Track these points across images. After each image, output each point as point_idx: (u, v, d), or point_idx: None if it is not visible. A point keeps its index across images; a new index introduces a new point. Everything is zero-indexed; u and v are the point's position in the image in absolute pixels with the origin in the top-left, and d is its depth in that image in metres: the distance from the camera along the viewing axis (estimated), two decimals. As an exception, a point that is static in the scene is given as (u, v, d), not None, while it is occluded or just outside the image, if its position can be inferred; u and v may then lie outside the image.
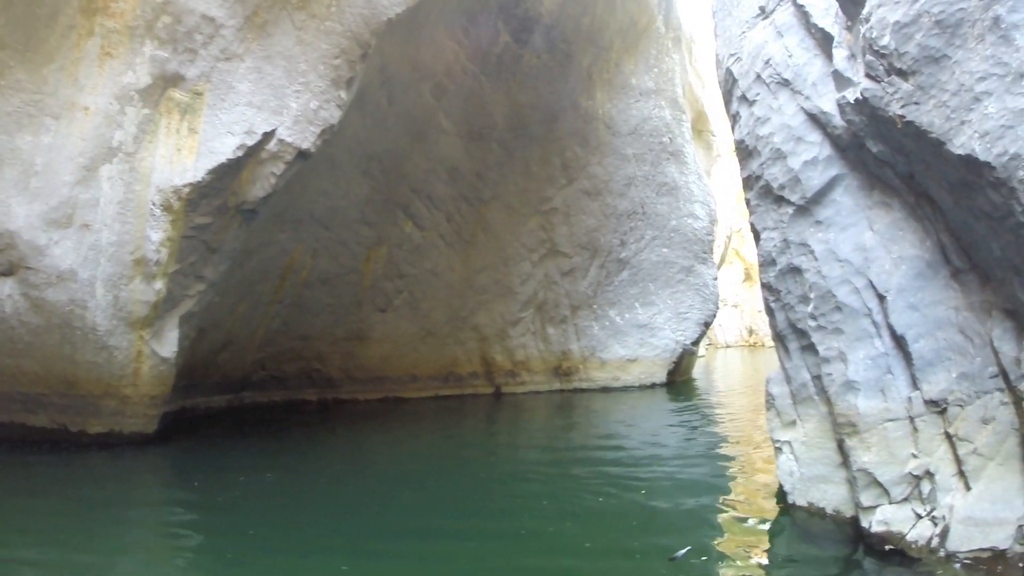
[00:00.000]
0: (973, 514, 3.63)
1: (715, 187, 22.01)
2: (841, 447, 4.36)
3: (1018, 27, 2.97)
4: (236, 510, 5.80)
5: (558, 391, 15.60)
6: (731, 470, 6.67)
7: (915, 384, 3.97)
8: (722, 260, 24.79)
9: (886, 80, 3.51)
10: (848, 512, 4.45)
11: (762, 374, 19.28)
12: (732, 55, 5.57)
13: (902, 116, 3.44)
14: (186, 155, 9.66)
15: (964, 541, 3.63)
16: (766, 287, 5.51)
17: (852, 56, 4.07)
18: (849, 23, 4.08)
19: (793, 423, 5.00)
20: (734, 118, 5.74)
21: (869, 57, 3.57)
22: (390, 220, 14.62)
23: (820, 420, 4.68)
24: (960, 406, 3.78)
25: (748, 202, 5.75)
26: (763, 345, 36.47)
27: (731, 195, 29.66)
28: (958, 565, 3.63)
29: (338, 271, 14.39)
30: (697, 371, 19.75)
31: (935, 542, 3.75)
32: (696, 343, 17.06)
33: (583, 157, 16.32)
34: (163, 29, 9.21)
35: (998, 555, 3.57)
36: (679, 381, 16.50)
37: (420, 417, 12.68)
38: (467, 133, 14.69)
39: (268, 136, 9.71)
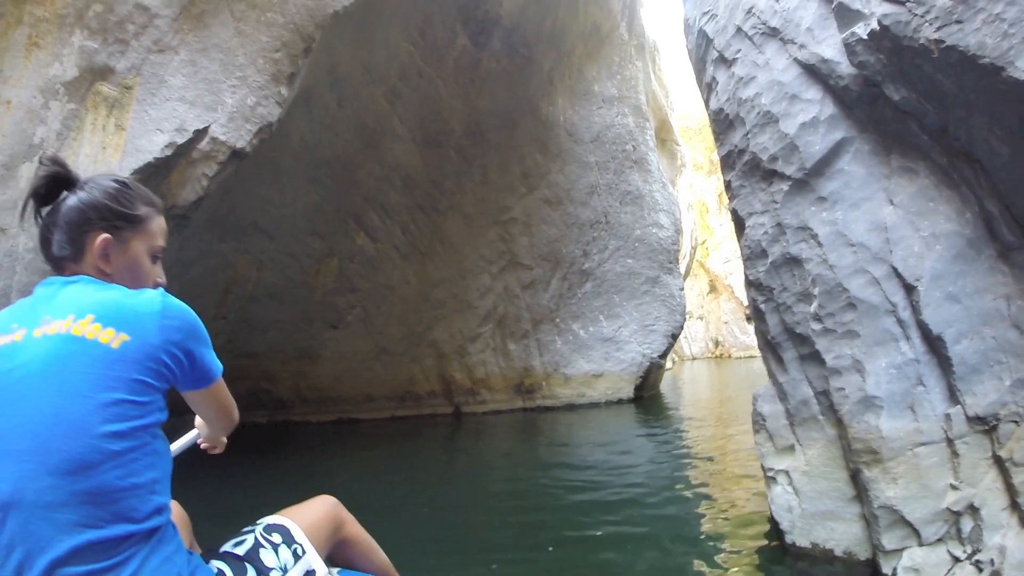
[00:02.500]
0: (1034, 558, 2.76)
1: (680, 198, 21.44)
2: (856, 478, 3.47)
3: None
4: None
5: (520, 409, 14.64)
6: (713, 502, 5.73)
7: (955, 397, 3.08)
8: (687, 272, 24.18)
9: (913, 0, 2.68)
10: (863, 554, 3.55)
11: (730, 386, 18.64)
12: (705, 13, 4.73)
13: (939, 41, 2.60)
14: (111, 153, 8.63)
15: (1023, 592, 2.78)
16: (753, 285, 4.62)
17: (861, -14, 3.24)
18: (857, -55, 3.26)
19: (791, 448, 4.10)
20: (708, 87, 4.90)
21: (892, -28, 2.74)
22: (341, 231, 13.65)
23: (827, 445, 3.78)
24: (1016, 422, 2.90)
25: (728, 185, 4.89)
26: (729, 356, 36.07)
27: (695, 207, 29.21)
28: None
29: (286, 285, 13.37)
30: (664, 384, 18.97)
31: (982, 593, 2.89)
32: (663, 356, 16.27)
33: (543, 165, 15.52)
34: (94, 18, 8.26)
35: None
36: (647, 396, 15.67)
37: (376, 440, 11.62)
38: (423, 140, 13.81)
39: (200, 134, 8.70)
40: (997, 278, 3.00)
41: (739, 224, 4.80)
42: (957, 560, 3.09)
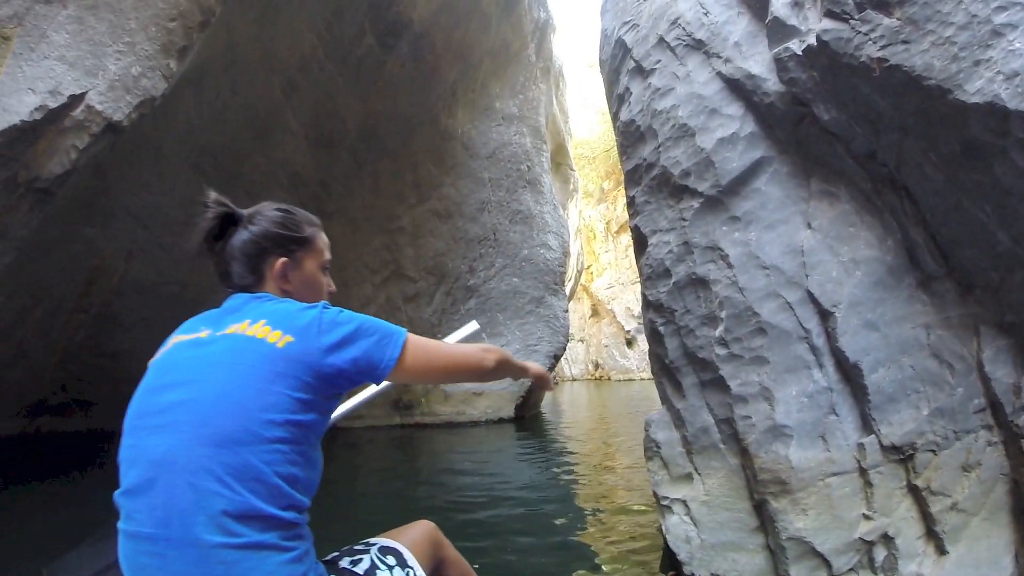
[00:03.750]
0: (952, 583, 2.70)
1: (569, 222, 21.70)
2: (761, 509, 3.33)
3: (1044, -47, 2.17)
4: None
5: (399, 426, 14.09)
6: (603, 529, 5.53)
7: (869, 427, 3.01)
8: (572, 295, 24.50)
9: (858, 17, 2.59)
10: (768, 585, 3.42)
11: (610, 408, 18.90)
12: (626, 23, 4.59)
13: (882, 60, 2.51)
14: (-25, 110, 7.48)
15: (940, 620, 2.73)
16: (653, 306, 4.45)
17: (797, 4, 3.16)
18: (794, -38, 3.19)
19: (688, 477, 3.93)
20: (620, 99, 4.74)
21: (835, -13, 2.64)
22: (220, 226, 12.63)
23: (729, 475, 3.63)
24: (932, 451, 2.85)
25: (632, 201, 4.72)
26: (608, 379, 36.86)
27: (583, 232, 29.83)
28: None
29: (157, 280, 12.19)
30: (545, 405, 18.96)
31: (895, 622, 2.82)
32: (546, 377, 16.19)
33: (437, 177, 15.17)
34: (-22, -45, 7.19)
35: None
36: (528, 416, 15.54)
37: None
38: (315, 137, 13.05)
39: (76, 100, 7.65)
40: (917, 307, 2.96)
41: (641, 242, 4.64)
42: (870, 589, 3.00)
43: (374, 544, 1.75)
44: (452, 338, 2.13)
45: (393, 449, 11.35)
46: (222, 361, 1.43)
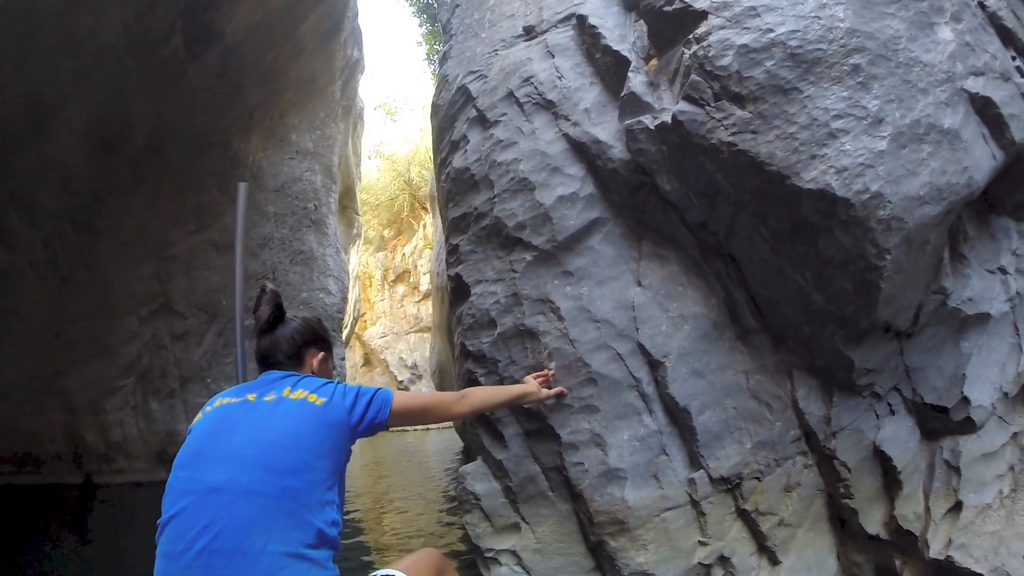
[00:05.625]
0: (787, 588, 3.16)
1: (350, 267, 21.29)
2: (599, 549, 3.49)
3: (876, 79, 2.82)
4: None
5: (162, 482, 12.47)
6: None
7: (698, 463, 3.37)
8: (347, 342, 23.91)
9: (714, 105, 2.99)
10: (613, 621, 3.54)
11: (387, 457, 18.53)
12: (473, 72, 4.73)
13: (731, 144, 2.93)
14: None
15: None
16: (474, 357, 4.35)
17: (653, 84, 3.54)
18: (654, 51, 3.58)
19: (514, 527, 3.90)
20: (453, 145, 4.79)
21: (696, 78, 3.04)
22: (-28, 229, 10.47)
23: (560, 520, 3.71)
24: (757, 478, 3.33)
25: (455, 249, 4.62)
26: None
27: (362, 278, 29.41)
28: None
29: None
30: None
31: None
32: (321, 426, 15.50)
33: (220, 204, 13.88)
34: None
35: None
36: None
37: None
38: (97, 139, 11.12)
39: None
40: (737, 356, 3.41)
41: (462, 292, 4.57)
42: (712, 606, 3.32)
43: (379, 574, 1.93)
44: (239, 210, 2.69)
45: (157, 511, 10.07)
46: (276, 413, 1.82)
